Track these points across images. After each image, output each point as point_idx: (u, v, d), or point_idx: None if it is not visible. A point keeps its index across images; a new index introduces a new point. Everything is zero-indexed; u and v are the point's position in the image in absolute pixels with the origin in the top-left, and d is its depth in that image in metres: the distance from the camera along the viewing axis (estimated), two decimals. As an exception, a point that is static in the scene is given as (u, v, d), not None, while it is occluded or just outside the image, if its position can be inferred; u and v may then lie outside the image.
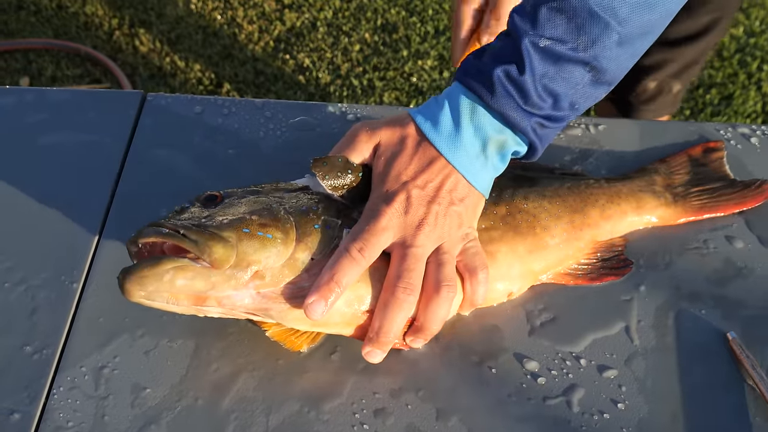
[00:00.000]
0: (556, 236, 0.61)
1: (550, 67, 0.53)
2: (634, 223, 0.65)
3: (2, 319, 0.58)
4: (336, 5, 2.04)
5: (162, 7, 2.04)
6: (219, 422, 0.54)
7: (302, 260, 0.53)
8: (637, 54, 0.57)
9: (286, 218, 0.54)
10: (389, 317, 0.53)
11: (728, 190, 0.67)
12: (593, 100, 0.58)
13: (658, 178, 0.67)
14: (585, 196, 0.64)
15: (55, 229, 0.64)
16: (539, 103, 0.54)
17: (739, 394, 0.57)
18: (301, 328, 0.55)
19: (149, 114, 0.73)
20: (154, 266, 0.50)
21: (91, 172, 0.68)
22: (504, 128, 0.56)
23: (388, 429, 0.54)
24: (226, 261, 0.50)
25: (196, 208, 0.55)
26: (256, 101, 0.74)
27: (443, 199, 0.55)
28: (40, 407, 0.54)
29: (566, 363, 0.58)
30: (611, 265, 0.62)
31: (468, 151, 0.56)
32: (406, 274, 0.53)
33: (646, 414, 0.55)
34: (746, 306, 0.61)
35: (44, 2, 2.04)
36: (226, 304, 0.52)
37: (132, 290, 0.50)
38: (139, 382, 0.55)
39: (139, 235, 0.51)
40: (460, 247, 0.56)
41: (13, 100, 0.73)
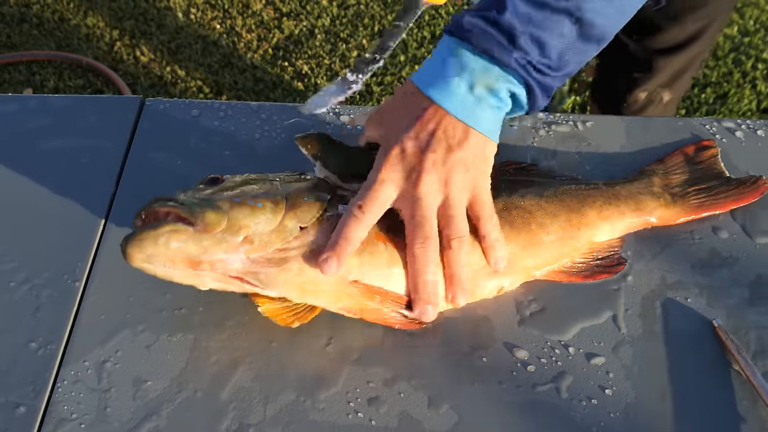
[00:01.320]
0: (552, 234, 0.63)
1: (533, 13, 0.54)
2: (633, 224, 0.66)
3: (8, 317, 0.60)
4: (333, 12, 2.07)
5: (162, 17, 2.07)
6: (218, 412, 0.55)
7: (290, 228, 0.56)
8: (626, 11, 0.57)
9: (277, 191, 0.58)
10: (419, 274, 0.56)
11: (725, 188, 0.68)
12: (584, 56, 0.58)
13: (656, 179, 0.68)
14: (583, 197, 0.65)
15: (58, 230, 0.66)
16: (525, 47, 0.55)
17: (725, 379, 0.58)
18: (288, 296, 0.56)
19: (148, 118, 0.75)
20: (152, 230, 0.53)
21: (92, 175, 0.70)
22: (491, 66, 0.56)
23: (382, 417, 0.55)
24: (217, 225, 0.54)
25: (198, 187, 0.59)
26: (252, 104, 0.76)
27: (438, 146, 0.56)
28: (44, 400, 0.56)
29: (555, 351, 0.59)
30: (606, 263, 0.64)
31: (455, 92, 0.56)
32: (418, 230, 0.56)
33: (633, 399, 0.57)
34: (731, 294, 0.63)
35: (46, 15, 2.07)
36: (218, 267, 0.54)
37: (132, 253, 0.53)
38: (140, 375, 0.57)
39: (143, 208, 0.55)
40: (467, 196, 0.58)
41: (15, 107, 0.75)
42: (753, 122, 0.76)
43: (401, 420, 0.55)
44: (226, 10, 2.08)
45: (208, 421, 0.55)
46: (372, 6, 2.08)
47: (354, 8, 2.08)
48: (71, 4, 2.10)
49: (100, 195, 0.68)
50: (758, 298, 0.62)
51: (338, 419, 0.55)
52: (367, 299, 0.57)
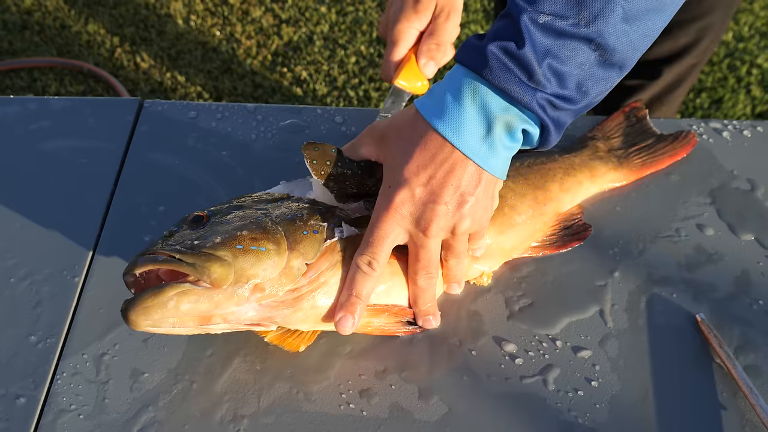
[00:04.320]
0: (523, 213, 0.65)
1: (552, 43, 0.51)
2: (590, 190, 0.70)
3: (9, 311, 0.62)
4: (332, 19, 2.09)
5: (162, 24, 2.09)
6: (213, 403, 0.57)
7: (297, 267, 0.55)
8: (650, 33, 0.54)
9: (275, 229, 0.55)
10: (423, 298, 0.59)
11: (661, 145, 0.74)
12: (604, 83, 0.54)
13: (599, 144, 0.73)
14: (544, 171, 0.68)
15: (58, 228, 0.67)
16: (543, 81, 0.52)
17: (708, 372, 0.60)
18: (303, 329, 0.58)
19: (146, 120, 0.77)
20: (157, 295, 0.51)
21: (91, 175, 0.71)
22: (509, 106, 0.53)
23: (373, 408, 0.57)
24: (226, 279, 0.52)
25: (184, 231, 0.55)
26: (248, 106, 0.78)
27: (451, 198, 0.54)
28: (44, 392, 0.57)
29: (543, 345, 0.61)
30: (573, 231, 0.67)
31: (474, 133, 0.53)
32: (422, 267, 0.57)
33: (618, 391, 0.58)
34: (715, 289, 0.64)
35: (48, 22, 2.10)
36: (231, 320, 0.53)
37: (137, 321, 0.51)
38: (137, 368, 0.58)
39: (135, 266, 0.52)
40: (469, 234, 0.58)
41: (16, 109, 0.77)
42: (739, 123, 0.77)
43: (392, 411, 0.57)
44: (226, 17, 2.10)
45: (203, 412, 0.56)
46: (370, 13, 2.10)
47: (352, 15, 2.10)
48: (72, 11, 2.12)
49: (99, 194, 0.70)
50: (742, 294, 0.64)
51: (330, 410, 0.57)
52: (373, 317, 0.58)
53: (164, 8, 2.13)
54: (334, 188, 0.60)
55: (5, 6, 2.15)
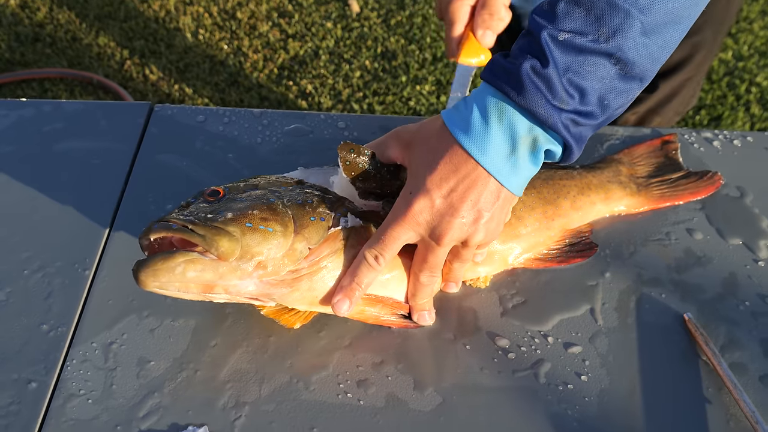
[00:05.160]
0: (529, 226, 0.67)
1: (572, 59, 0.52)
2: (601, 212, 0.71)
3: (21, 301, 0.64)
4: (338, 34, 2.12)
5: (171, 38, 2.13)
6: (216, 391, 0.59)
7: (300, 250, 0.58)
8: (669, 45, 0.55)
9: (284, 212, 0.58)
10: (421, 294, 0.61)
11: (684, 181, 0.73)
12: (625, 96, 0.55)
13: (623, 169, 0.73)
14: (558, 187, 0.69)
15: (70, 224, 0.70)
16: (566, 97, 0.53)
17: (694, 368, 0.62)
18: (297, 308, 0.60)
19: (156, 123, 0.80)
20: (167, 260, 0.54)
21: (103, 174, 0.74)
22: (534, 126, 0.54)
23: (370, 397, 0.59)
24: (232, 253, 0.55)
25: (200, 203, 0.59)
26: (254, 111, 0.81)
27: (468, 213, 0.56)
28: (54, 377, 0.59)
29: (535, 340, 0.63)
30: (578, 249, 0.68)
31: (499, 151, 0.54)
32: (427, 267, 0.60)
33: (607, 385, 0.60)
34: (703, 290, 0.66)
35: (59, 34, 2.14)
36: (232, 291, 0.56)
37: (146, 281, 0.54)
38: (144, 356, 0.61)
39: (150, 231, 0.56)
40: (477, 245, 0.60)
41: (31, 112, 0.80)
42: (729, 132, 0.80)
43: (388, 400, 0.59)
44: (234, 31, 2.14)
45: (206, 399, 0.58)
46: (375, 29, 2.14)
47: (357, 31, 2.14)
48: (84, 24, 2.17)
49: (110, 192, 0.73)
50: (729, 295, 0.66)
51: (328, 399, 0.59)
52: (368, 306, 0.61)
53: (173, 22, 2.17)
54: (359, 186, 0.62)
55: (18, 18, 2.19)
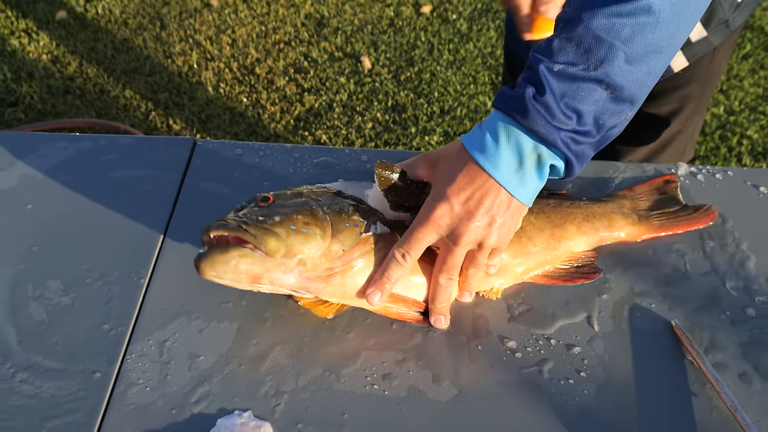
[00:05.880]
0: (538, 245, 0.75)
1: (567, 86, 0.61)
2: (605, 238, 0.79)
3: (85, 305, 0.73)
4: (351, 89, 2.25)
5: (193, 91, 2.26)
6: (258, 381, 0.67)
7: (335, 251, 0.67)
8: (654, 72, 0.63)
9: (323, 217, 0.68)
10: (440, 297, 0.70)
11: (682, 213, 0.82)
12: (618, 116, 0.64)
13: (626, 202, 0.82)
14: (565, 214, 0.78)
15: (126, 240, 0.79)
16: (564, 119, 0.62)
17: (681, 367, 0.69)
18: (330, 300, 0.69)
19: (199, 155, 0.89)
20: (223, 253, 0.64)
21: (154, 198, 0.83)
22: (538, 144, 0.63)
23: (394, 389, 0.67)
24: (278, 251, 0.64)
25: (253, 207, 0.69)
26: (287, 145, 0.90)
27: (483, 217, 0.65)
28: (116, 369, 0.67)
29: (539, 342, 0.71)
30: (583, 271, 0.76)
31: (508, 166, 0.64)
32: (446, 269, 0.68)
33: (603, 381, 0.68)
34: (688, 301, 0.75)
35: (89, 87, 2.27)
36: (276, 282, 0.66)
37: (205, 270, 0.64)
38: (194, 352, 0.69)
39: (210, 228, 0.66)
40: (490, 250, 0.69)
41: (89, 144, 0.90)
42: (712, 167, 0.89)
43: (410, 391, 0.67)
44: (253, 85, 2.27)
45: (250, 388, 0.66)
46: (386, 84, 2.27)
47: (369, 85, 2.26)
48: (111, 78, 2.30)
49: (160, 213, 0.82)
50: (711, 305, 0.74)
51: (357, 390, 0.67)
52: (392, 303, 0.70)
53: (195, 76, 2.30)
54: (390, 199, 0.72)
55: (50, 72, 2.33)
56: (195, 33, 2.48)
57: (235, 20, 2.54)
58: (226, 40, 2.45)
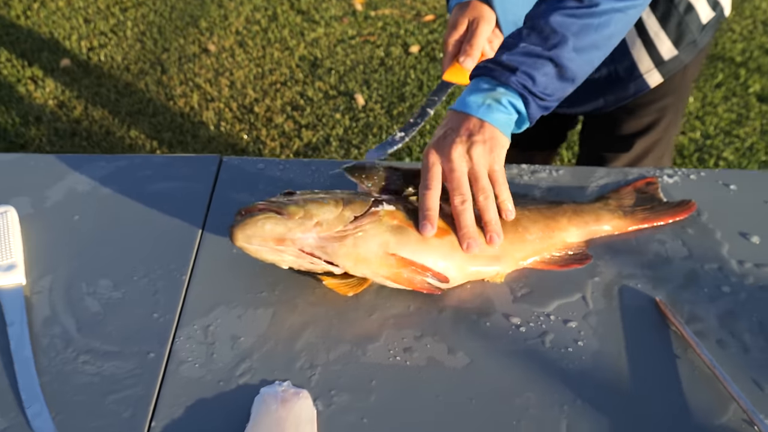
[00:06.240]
0: (533, 234, 0.85)
1: (527, 59, 0.81)
2: (595, 231, 0.89)
3: (135, 298, 0.81)
4: (346, 124, 2.36)
5: (196, 130, 2.36)
6: (293, 357, 0.75)
7: (347, 216, 0.78)
8: (593, 62, 0.85)
9: (337, 195, 0.81)
10: (462, 219, 0.81)
11: (664, 207, 0.92)
12: (562, 90, 0.84)
13: (612, 202, 0.92)
14: (557, 209, 0.88)
15: (167, 242, 0.88)
16: (521, 77, 0.81)
17: (665, 336, 0.79)
18: (345, 265, 0.78)
19: (226, 170, 0.99)
20: (252, 218, 0.76)
21: (188, 207, 0.93)
22: (498, 86, 0.83)
23: (414, 360, 0.76)
24: (297, 213, 0.76)
25: (279, 198, 0.81)
26: (304, 160, 1.00)
27: (463, 134, 0.82)
28: (167, 349, 0.76)
29: (540, 318, 0.80)
30: (576, 258, 0.86)
31: (475, 102, 0.83)
32: (456, 189, 0.81)
33: (597, 349, 0.77)
34: (670, 281, 0.84)
35: (95, 129, 2.37)
36: (297, 243, 0.76)
37: (237, 233, 0.75)
38: (235, 334, 0.77)
39: (242, 208, 0.78)
40: (486, 165, 0.82)
41: (126, 163, 1.00)
42: (687, 170, 1.00)
43: (428, 361, 0.75)
44: (252, 123, 2.38)
45: (287, 362, 0.75)
46: (379, 118, 2.38)
47: (363, 120, 2.38)
48: (116, 120, 2.40)
49: (194, 218, 0.91)
50: (690, 284, 0.84)
51: (382, 361, 0.75)
52: (401, 267, 0.79)
53: (197, 116, 2.41)
54: (372, 186, 0.85)
55: (57, 116, 2.43)
56: (194, 76, 2.60)
57: (232, 63, 2.66)
58: (225, 82, 2.57)
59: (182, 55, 2.72)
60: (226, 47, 2.75)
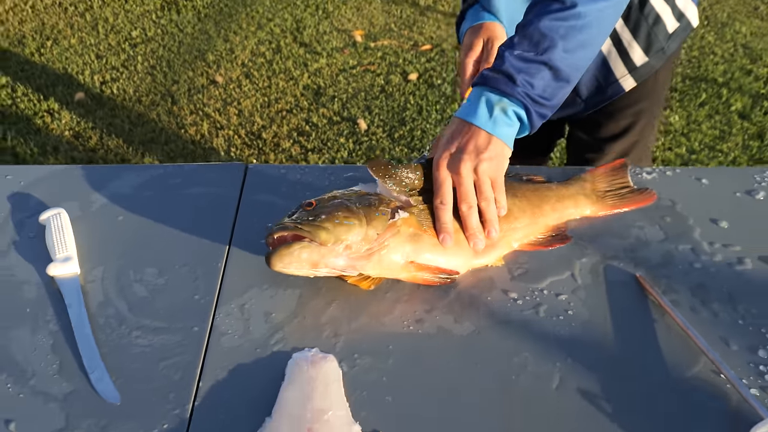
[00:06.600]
0: (522, 221, 0.97)
1: (523, 65, 0.89)
2: (573, 214, 1.01)
3: (178, 283, 0.92)
4: (350, 147, 2.48)
5: (207, 156, 2.48)
6: (320, 328, 0.86)
7: (371, 235, 0.87)
8: (585, 60, 0.93)
9: (357, 211, 0.88)
10: (469, 222, 0.91)
11: (630, 195, 1.04)
12: (560, 91, 0.92)
13: (587, 185, 1.04)
14: (542, 197, 1.00)
15: (202, 237, 0.99)
16: (521, 85, 0.89)
17: (645, 305, 0.89)
18: (372, 274, 0.89)
19: (251, 175, 1.10)
20: (288, 248, 0.84)
21: (220, 207, 1.04)
22: (502, 98, 0.90)
23: (425, 329, 0.86)
24: (329, 241, 0.84)
25: (301, 212, 0.89)
26: (321, 165, 1.12)
27: (472, 151, 0.90)
28: (209, 324, 0.87)
29: (534, 293, 0.91)
30: (558, 238, 0.98)
31: (483, 115, 0.90)
32: (464, 198, 0.91)
33: (586, 317, 0.88)
34: (649, 260, 0.95)
35: (110, 157, 2.48)
36: (329, 265, 0.85)
37: (275, 262, 0.83)
38: (267, 311, 0.88)
39: (273, 232, 0.86)
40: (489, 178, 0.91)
41: (159, 171, 1.11)
42: (663, 168, 1.11)
43: (438, 330, 0.86)
44: (261, 148, 2.50)
45: (314, 333, 0.86)
46: (381, 141, 2.51)
47: (366, 143, 2.50)
48: (130, 148, 2.52)
49: (226, 217, 1.02)
50: (666, 263, 0.95)
51: (397, 330, 0.86)
52: (418, 271, 0.90)
53: (208, 143, 2.53)
54: (390, 186, 0.93)
55: (73, 146, 2.55)
56: (204, 106, 2.73)
57: (239, 93, 2.80)
58: (233, 111, 2.70)
59: (191, 86, 2.85)
60: (233, 78, 2.88)
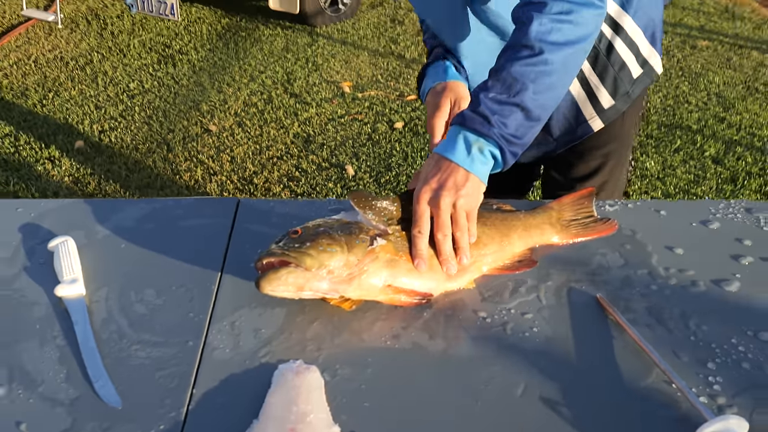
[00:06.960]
0: (491, 248, 1.05)
1: (497, 107, 0.98)
2: (539, 242, 1.10)
3: (174, 302, 1.00)
4: (338, 191, 2.58)
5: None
6: (304, 343, 0.94)
7: (353, 261, 0.95)
8: (552, 101, 1.02)
9: (339, 238, 0.97)
10: (444, 249, 0.99)
11: (593, 224, 1.13)
12: (531, 129, 1.01)
13: (554, 213, 1.13)
14: (510, 225, 1.09)
15: (197, 262, 1.07)
16: (496, 126, 0.98)
17: (605, 324, 0.97)
18: (352, 296, 0.97)
19: (243, 208, 1.19)
20: (276, 272, 0.92)
21: (214, 235, 1.12)
22: (479, 138, 0.99)
23: (402, 344, 0.94)
24: (313, 266, 0.93)
25: (287, 239, 0.97)
26: (307, 200, 1.21)
27: (451, 188, 0.98)
28: (203, 340, 0.94)
29: (502, 312, 0.99)
30: (524, 263, 1.06)
31: (462, 153, 0.99)
32: (440, 229, 0.99)
33: (550, 334, 0.96)
34: (609, 283, 1.04)
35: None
36: (313, 288, 0.94)
37: (264, 286, 0.92)
38: (256, 327, 0.96)
39: (262, 258, 0.94)
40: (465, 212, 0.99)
41: (161, 204, 1.20)
42: (625, 201, 1.21)
43: (413, 345, 0.94)
44: (252, 192, 2.59)
45: (299, 347, 0.93)
46: (368, 186, 2.60)
47: (354, 188, 2.59)
48: (127, 193, 2.61)
49: (219, 244, 1.10)
50: (625, 286, 1.03)
51: (376, 345, 0.94)
52: (396, 294, 0.98)
53: (201, 188, 2.62)
54: (372, 216, 1.01)
55: (72, 191, 2.64)
56: (198, 153, 2.83)
57: (232, 141, 2.90)
58: (226, 158, 2.80)
59: (186, 135, 2.96)
60: (226, 127, 2.99)
